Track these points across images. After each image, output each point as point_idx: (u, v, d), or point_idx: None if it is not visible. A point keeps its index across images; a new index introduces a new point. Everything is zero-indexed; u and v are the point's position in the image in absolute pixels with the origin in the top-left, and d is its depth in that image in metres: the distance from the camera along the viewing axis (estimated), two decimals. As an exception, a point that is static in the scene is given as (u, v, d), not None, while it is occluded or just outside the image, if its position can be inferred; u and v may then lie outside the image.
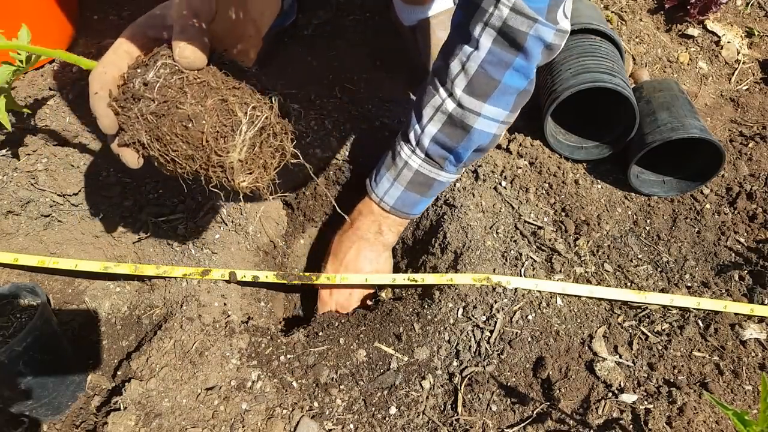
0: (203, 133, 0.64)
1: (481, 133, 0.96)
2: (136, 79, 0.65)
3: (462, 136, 0.97)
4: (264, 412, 0.88)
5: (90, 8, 1.43)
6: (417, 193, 1.06)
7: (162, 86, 0.64)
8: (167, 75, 0.64)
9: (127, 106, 0.65)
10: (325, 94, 1.38)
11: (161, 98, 0.64)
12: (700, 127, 1.17)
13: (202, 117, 0.63)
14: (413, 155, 1.02)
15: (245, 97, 0.66)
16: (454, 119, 0.95)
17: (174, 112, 0.64)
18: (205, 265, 1.10)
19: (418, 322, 1.01)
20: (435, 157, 1.01)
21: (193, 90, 0.64)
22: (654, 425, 0.83)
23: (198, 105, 0.64)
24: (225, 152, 0.65)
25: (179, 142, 0.64)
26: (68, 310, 1.09)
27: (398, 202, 1.07)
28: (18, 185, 1.10)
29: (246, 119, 0.65)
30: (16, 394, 0.88)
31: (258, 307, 1.17)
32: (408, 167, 1.03)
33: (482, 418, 0.88)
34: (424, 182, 1.04)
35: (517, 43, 0.86)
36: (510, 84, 0.91)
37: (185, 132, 0.64)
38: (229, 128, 0.65)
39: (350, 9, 1.59)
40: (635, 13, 1.64)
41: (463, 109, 0.94)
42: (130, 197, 1.16)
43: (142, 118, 0.64)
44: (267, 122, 0.67)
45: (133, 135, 0.66)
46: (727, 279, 1.11)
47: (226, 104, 0.65)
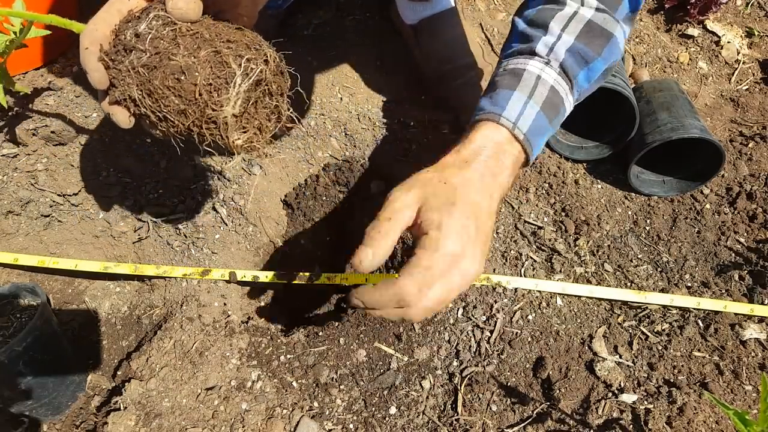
0: (196, 85, 0.61)
1: (618, 45, 0.86)
2: (128, 31, 0.63)
3: (603, 45, 0.85)
4: (264, 412, 0.89)
5: (89, 7, 1.43)
6: (548, 119, 0.84)
7: (154, 37, 0.62)
8: (159, 26, 0.62)
9: (118, 59, 0.63)
10: (325, 94, 1.38)
11: (153, 50, 0.62)
12: (700, 127, 1.17)
13: (195, 69, 0.61)
14: (547, 67, 0.84)
15: (240, 50, 0.63)
16: (592, 26, 0.85)
17: (166, 64, 0.61)
18: (205, 265, 1.10)
19: (418, 322, 1.01)
20: (569, 70, 0.85)
21: (186, 41, 0.62)
22: (654, 425, 0.83)
23: (191, 56, 0.61)
24: (219, 106, 0.62)
25: (171, 96, 0.62)
26: (68, 310, 1.09)
27: (533, 128, 0.81)
28: (18, 185, 1.10)
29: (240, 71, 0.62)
30: (16, 394, 0.88)
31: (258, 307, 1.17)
32: (542, 83, 0.83)
33: (482, 418, 0.88)
34: (556, 103, 0.84)
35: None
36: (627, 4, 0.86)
37: (177, 85, 0.61)
38: (223, 80, 0.62)
39: (350, 9, 1.59)
40: (635, 13, 1.64)
41: (605, 14, 0.85)
42: (130, 197, 1.16)
43: (134, 71, 0.62)
44: (262, 76, 0.64)
45: (125, 90, 0.64)
46: (727, 279, 1.11)
47: (219, 56, 0.62)
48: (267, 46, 0.66)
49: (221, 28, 0.65)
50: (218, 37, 0.63)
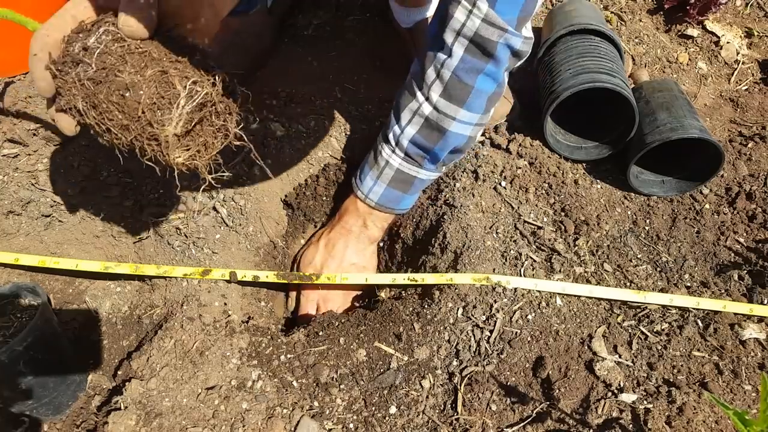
0: (140, 103, 0.62)
1: (457, 135, 1.03)
2: (77, 43, 0.63)
3: (438, 138, 1.03)
4: (264, 411, 0.89)
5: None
6: (399, 190, 1.13)
7: (102, 52, 0.62)
8: (108, 42, 0.63)
9: (65, 69, 0.63)
10: (325, 94, 1.38)
11: (100, 64, 0.62)
12: (700, 128, 1.18)
13: (140, 87, 0.62)
14: (393, 154, 1.09)
15: (187, 71, 0.64)
16: (430, 122, 1.02)
17: (112, 80, 0.62)
18: (205, 265, 1.10)
19: (418, 321, 1.01)
20: (413, 156, 1.08)
21: (134, 59, 0.63)
22: (654, 425, 0.83)
23: (137, 74, 0.62)
24: (160, 125, 0.63)
25: (115, 111, 0.63)
26: (69, 310, 1.09)
27: (382, 199, 1.14)
28: (19, 185, 1.10)
29: (185, 93, 0.63)
30: (16, 394, 0.88)
31: (258, 307, 1.17)
32: (389, 166, 1.10)
33: (482, 417, 0.88)
34: (405, 180, 1.11)
35: (488, 51, 0.92)
36: (482, 88, 0.97)
37: (122, 101, 0.62)
38: (167, 101, 0.63)
39: (350, 9, 1.59)
40: (635, 13, 1.65)
41: (440, 113, 1.01)
42: (131, 197, 1.16)
43: (80, 83, 0.63)
44: (207, 98, 0.65)
45: (70, 100, 0.64)
46: (726, 279, 1.11)
47: (166, 76, 0.63)
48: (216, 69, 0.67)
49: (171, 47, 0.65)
50: (167, 57, 0.64)
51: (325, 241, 1.21)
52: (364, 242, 1.20)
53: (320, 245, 1.21)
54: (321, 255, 1.20)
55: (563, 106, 1.24)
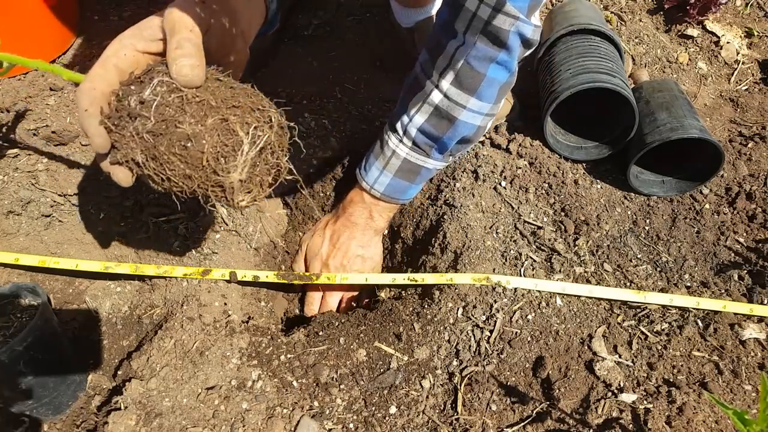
0: (203, 153, 0.62)
1: (466, 124, 1.01)
2: (132, 97, 0.63)
3: (447, 126, 1.02)
4: (264, 411, 0.89)
5: (90, 8, 1.43)
6: (405, 180, 1.12)
7: (159, 104, 0.62)
8: (164, 93, 0.62)
9: (121, 124, 0.63)
10: (325, 94, 1.38)
11: (159, 117, 0.62)
12: (700, 127, 1.18)
13: (203, 137, 0.62)
14: (401, 144, 1.08)
15: (246, 116, 0.64)
16: (440, 111, 1.01)
17: (173, 132, 0.61)
18: (205, 265, 1.10)
19: (418, 321, 1.01)
20: (421, 145, 1.07)
21: (193, 109, 0.62)
22: (654, 425, 0.83)
23: (198, 124, 0.62)
24: (226, 172, 0.63)
25: (177, 162, 0.62)
26: (69, 310, 1.09)
27: (388, 189, 1.13)
28: (19, 185, 1.10)
29: (248, 139, 0.63)
30: (16, 394, 0.88)
31: (258, 307, 1.17)
32: (396, 156, 1.09)
33: (482, 417, 0.88)
34: (412, 169, 1.10)
35: (500, 40, 0.91)
36: (494, 77, 0.96)
37: (184, 152, 0.62)
38: (231, 148, 0.63)
39: (350, 9, 1.59)
40: (635, 13, 1.65)
41: (450, 101, 0.99)
42: (131, 197, 1.16)
43: (138, 137, 0.62)
44: (268, 142, 0.65)
45: (127, 154, 0.64)
46: (726, 279, 1.11)
47: (226, 123, 0.63)
48: (269, 106, 0.67)
49: (225, 91, 0.65)
50: (224, 104, 0.63)
51: (330, 233, 1.21)
52: (369, 234, 1.20)
53: (326, 236, 1.21)
54: (326, 247, 1.20)
55: (563, 106, 1.24)
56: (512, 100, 1.36)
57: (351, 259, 1.18)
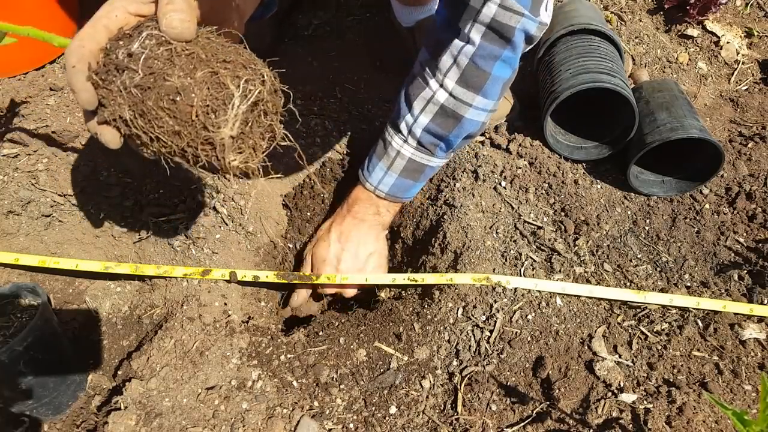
0: (192, 106, 0.60)
1: (472, 122, 1.02)
2: (120, 50, 0.61)
3: (453, 125, 1.03)
4: (264, 411, 0.89)
5: (90, 8, 1.43)
6: (410, 179, 1.12)
7: (148, 57, 0.60)
8: (153, 46, 0.60)
9: (108, 78, 0.61)
10: (325, 94, 1.38)
11: (147, 70, 0.59)
12: (700, 127, 1.18)
13: (192, 90, 0.59)
14: (405, 144, 1.08)
15: (237, 70, 0.62)
16: (446, 110, 1.01)
17: (161, 85, 0.59)
18: (205, 264, 1.10)
19: (418, 321, 1.01)
20: (427, 145, 1.07)
21: (182, 62, 0.60)
22: (653, 425, 0.83)
23: (187, 77, 0.60)
24: (216, 127, 0.61)
25: (166, 117, 0.60)
26: (69, 310, 1.09)
27: (393, 189, 1.13)
28: (19, 185, 1.10)
29: (239, 92, 0.61)
30: (16, 394, 0.88)
31: (258, 307, 1.17)
32: (401, 156, 1.09)
33: (482, 417, 0.88)
34: (417, 169, 1.11)
35: (506, 37, 0.91)
36: (499, 75, 0.97)
37: (173, 106, 0.60)
38: (221, 102, 0.60)
39: (350, 9, 1.59)
40: (635, 13, 1.65)
41: (456, 100, 1.00)
42: (131, 197, 1.16)
43: (126, 91, 0.60)
44: (260, 97, 0.63)
45: (115, 110, 0.62)
46: (726, 279, 1.11)
47: (217, 77, 0.61)
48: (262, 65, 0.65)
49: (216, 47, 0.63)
50: (214, 57, 0.62)
51: (338, 234, 1.18)
52: (377, 229, 1.19)
53: (331, 238, 1.18)
54: (334, 248, 1.17)
55: (563, 106, 1.24)
56: (512, 100, 1.36)
57: (363, 259, 1.16)
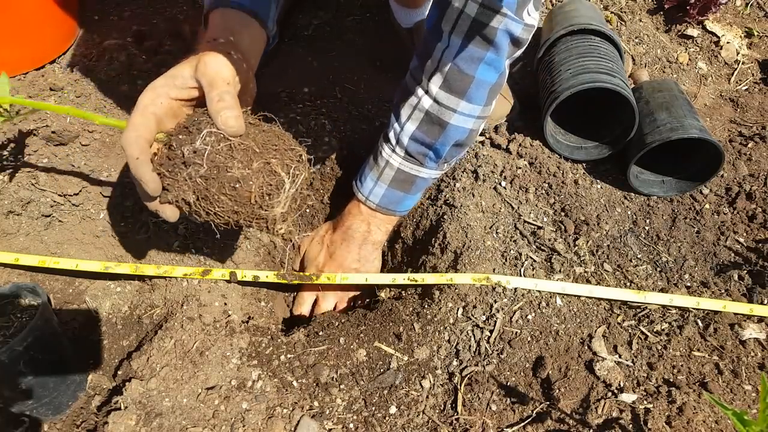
0: (251, 192, 0.72)
1: (458, 128, 1.01)
2: (185, 147, 0.72)
3: (439, 132, 1.01)
4: (264, 411, 0.89)
5: (90, 8, 1.43)
6: (400, 191, 1.11)
7: (210, 152, 0.71)
8: (213, 142, 0.71)
9: (175, 170, 0.72)
10: (325, 94, 1.38)
11: (211, 164, 0.71)
12: (700, 127, 1.18)
13: (250, 179, 0.71)
14: (393, 154, 1.07)
15: (284, 159, 0.74)
16: (431, 116, 1.00)
17: (223, 176, 0.71)
18: (205, 264, 1.10)
19: (418, 321, 1.01)
20: (414, 154, 1.06)
21: (240, 155, 0.71)
22: (654, 425, 0.83)
23: (245, 168, 0.71)
24: (270, 207, 0.73)
25: (226, 200, 0.72)
26: (69, 310, 1.09)
27: (383, 200, 1.12)
28: (19, 185, 1.10)
29: (289, 179, 0.74)
30: (16, 394, 0.88)
31: (258, 307, 1.17)
32: (389, 166, 1.08)
33: (482, 417, 0.88)
34: (406, 179, 1.09)
35: (488, 38, 0.90)
36: (483, 78, 0.95)
37: (233, 192, 0.71)
38: (274, 187, 0.73)
39: (350, 9, 1.59)
40: (635, 13, 1.65)
41: (440, 105, 0.99)
42: (131, 197, 1.16)
43: (191, 180, 0.72)
44: (304, 180, 0.76)
45: (178, 195, 0.73)
46: (726, 279, 1.11)
47: (269, 166, 0.73)
48: (297, 144, 0.78)
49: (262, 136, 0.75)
50: (264, 148, 0.74)
51: (328, 243, 1.19)
52: (367, 248, 1.17)
53: (323, 245, 1.19)
54: (323, 257, 1.19)
55: (563, 106, 1.24)
56: (512, 100, 1.36)
57: (346, 272, 1.16)
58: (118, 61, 1.29)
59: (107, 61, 1.28)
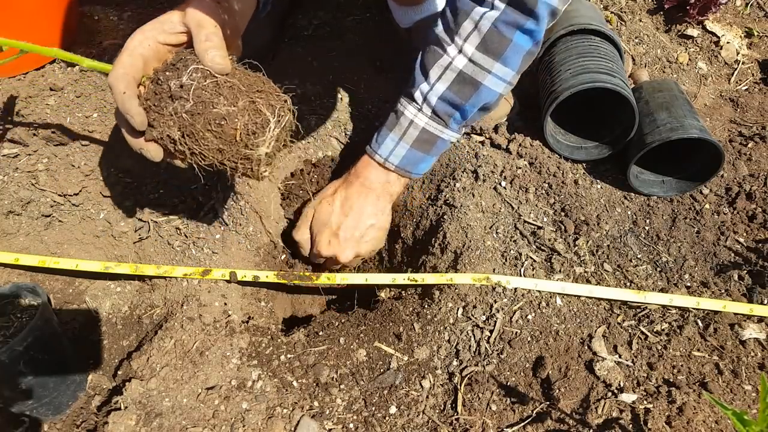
0: (236, 129, 0.72)
1: (489, 90, 1.01)
2: (171, 81, 0.72)
3: (471, 92, 1.01)
4: (264, 411, 0.89)
5: (90, 9, 1.43)
6: (421, 151, 1.10)
7: (197, 88, 0.71)
8: (200, 78, 0.72)
9: (161, 105, 0.72)
10: (325, 94, 1.38)
11: (197, 99, 0.71)
12: (700, 128, 1.18)
13: (236, 116, 0.72)
14: (420, 113, 1.06)
15: (270, 99, 0.75)
16: (464, 76, 1.00)
17: (209, 111, 0.71)
18: (205, 264, 1.10)
19: (418, 321, 1.01)
20: (441, 114, 1.05)
21: (225, 92, 0.72)
22: (653, 425, 0.83)
23: (231, 105, 0.72)
24: (255, 146, 0.73)
25: (211, 138, 0.72)
26: (69, 310, 1.09)
27: (403, 161, 1.10)
28: (19, 185, 1.10)
29: (274, 119, 0.74)
30: (16, 394, 0.88)
31: (258, 307, 1.17)
32: (414, 126, 1.07)
33: (482, 417, 0.88)
34: (429, 140, 1.08)
35: (529, 8, 0.93)
36: (520, 44, 0.97)
37: (219, 129, 0.72)
38: (260, 126, 0.73)
39: (350, 9, 1.59)
40: (635, 13, 1.65)
41: (475, 65, 0.99)
42: (131, 197, 1.16)
43: (177, 116, 0.72)
44: (288, 121, 0.76)
45: (163, 131, 0.73)
46: (726, 279, 1.11)
47: (254, 105, 0.73)
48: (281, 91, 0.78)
49: (248, 78, 0.76)
50: (250, 88, 0.74)
51: (342, 199, 1.14)
52: (384, 199, 1.14)
53: (336, 203, 1.13)
54: (337, 215, 1.13)
55: (563, 106, 1.24)
56: (512, 100, 1.36)
57: (363, 229, 1.13)
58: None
59: (107, 62, 1.28)
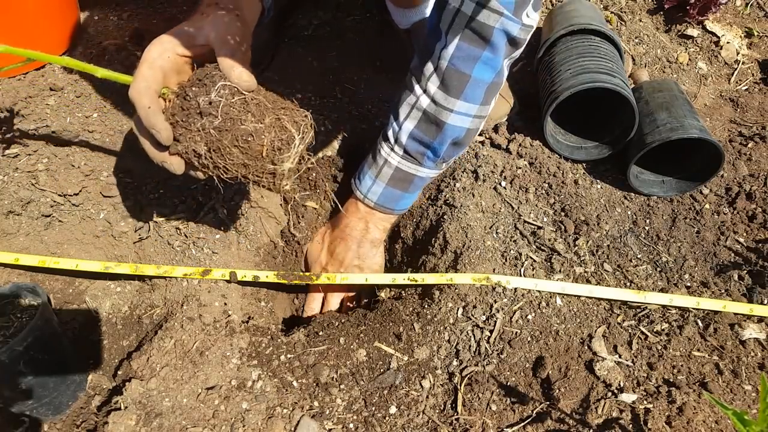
0: (263, 146, 0.73)
1: (455, 127, 1.01)
2: (200, 98, 0.73)
3: (436, 132, 1.02)
4: (264, 411, 0.89)
5: (90, 8, 1.43)
6: (398, 189, 1.11)
7: (225, 105, 0.72)
8: (228, 95, 0.73)
9: (189, 120, 0.73)
10: (325, 94, 1.38)
11: (225, 115, 0.72)
12: (700, 128, 1.18)
13: (263, 132, 0.73)
14: (392, 152, 1.08)
15: (294, 116, 0.77)
16: (428, 115, 1.01)
17: (237, 128, 0.72)
18: (205, 264, 1.10)
19: (418, 321, 1.01)
20: (413, 152, 1.06)
21: (252, 109, 0.73)
22: (653, 425, 0.83)
23: (258, 122, 0.73)
24: (280, 162, 0.75)
25: (237, 153, 0.73)
26: (69, 310, 1.09)
27: (381, 199, 1.13)
28: (19, 185, 1.10)
29: (299, 135, 0.76)
30: (16, 394, 0.88)
31: (258, 307, 1.17)
32: (388, 164, 1.09)
33: (482, 417, 0.88)
34: (404, 178, 1.10)
35: (484, 37, 0.91)
36: (479, 77, 0.95)
37: (246, 145, 0.73)
38: (285, 142, 0.75)
39: (350, 9, 1.59)
40: (635, 13, 1.65)
41: (437, 105, 0.99)
42: (131, 197, 1.16)
43: (204, 131, 0.73)
44: (311, 138, 0.78)
45: (189, 145, 0.74)
46: (726, 279, 1.11)
47: (280, 122, 0.75)
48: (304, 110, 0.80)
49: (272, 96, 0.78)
50: (275, 105, 0.76)
51: (328, 242, 1.21)
52: (365, 246, 1.18)
53: (324, 245, 1.22)
54: (324, 256, 1.21)
55: (563, 106, 1.24)
56: (512, 100, 1.36)
57: (348, 269, 1.18)
58: (118, 61, 1.29)
59: (107, 61, 1.28)
